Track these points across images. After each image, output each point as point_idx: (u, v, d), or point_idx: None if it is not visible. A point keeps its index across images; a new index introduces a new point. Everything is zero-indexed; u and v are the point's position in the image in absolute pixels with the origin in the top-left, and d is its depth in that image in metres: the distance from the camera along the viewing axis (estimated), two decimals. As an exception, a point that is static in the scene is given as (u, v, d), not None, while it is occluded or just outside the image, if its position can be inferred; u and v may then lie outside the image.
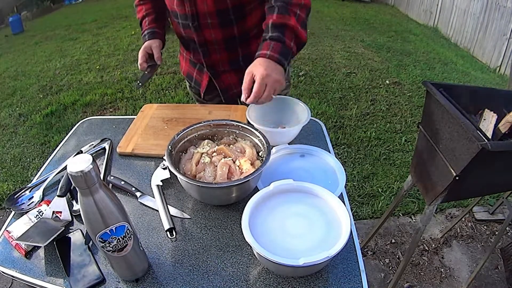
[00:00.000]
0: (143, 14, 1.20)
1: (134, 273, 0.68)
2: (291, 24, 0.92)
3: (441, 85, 1.08)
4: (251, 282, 0.67)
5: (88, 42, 5.34)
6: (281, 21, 0.92)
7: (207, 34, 1.09)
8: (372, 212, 2.03)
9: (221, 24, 1.06)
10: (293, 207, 0.72)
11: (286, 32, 0.92)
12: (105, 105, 3.35)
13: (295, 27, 0.92)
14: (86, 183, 0.52)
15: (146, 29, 1.17)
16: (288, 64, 0.94)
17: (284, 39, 0.91)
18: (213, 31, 1.08)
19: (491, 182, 1.11)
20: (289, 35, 0.92)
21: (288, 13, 0.93)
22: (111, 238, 0.59)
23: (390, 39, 4.88)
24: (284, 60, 0.91)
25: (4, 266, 0.73)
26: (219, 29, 1.07)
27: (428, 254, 1.80)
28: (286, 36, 0.92)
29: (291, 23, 0.92)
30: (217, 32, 1.08)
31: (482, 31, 4.33)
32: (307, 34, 0.97)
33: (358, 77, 3.59)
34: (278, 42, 0.91)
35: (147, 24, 1.18)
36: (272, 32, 0.92)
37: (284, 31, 0.92)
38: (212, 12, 1.03)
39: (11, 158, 2.72)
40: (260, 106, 1.03)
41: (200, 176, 0.82)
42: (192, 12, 1.05)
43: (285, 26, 0.92)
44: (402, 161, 2.39)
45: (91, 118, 1.23)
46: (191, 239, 0.76)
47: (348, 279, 0.67)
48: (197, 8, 1.04)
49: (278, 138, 0.97)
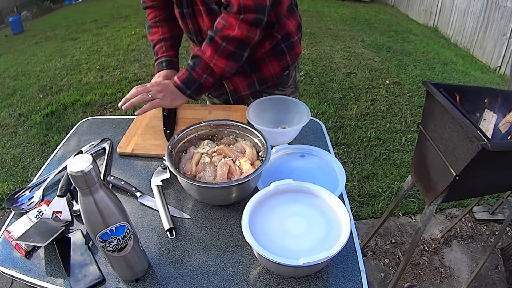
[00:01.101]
0: (159, 38, 1.18)
1: (134, 273, 0.68)
2: (206, 56, 0.96)
3: (441, 85, 1.08)
4: (251, 282, 0.67)
5: (88, 42, 5.34)
6: (199, 52, 0.98)
7: None
8: (372, 212, 2.03)
9: None
10: (293, 207, 0.72)
11: (200, 63, 0.97)
12: (105, 105, 3.35)
13: (209, 59, 0.96)
14: (86, 183, 0.52)
15: (163, 56, 1.16)
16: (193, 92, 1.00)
17: (195, 69, 0.98)
18: None
19: (491, 182, 1.11)
20: (203, 66, 0.97)
21: (209, 44, 0.95)
22: (111, 238, 0.59)
23: (390, 39, 4.88)
24: (186, 89, 0.99)
25: (4, 266, 0.72)
26: None
27: (428, 254, 1.80)
28: (198, 67, 0.97)
29: (206, 55, 0.96)
30: None
31: (482, 31, 4.33)
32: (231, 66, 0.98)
33: (358, 77, 3.59)
34: (187, 70, 0.99)
35: (164, 50, 1.17)
36: (189, 61, 0.99)
37: (198, 62, 0.97)
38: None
39: (11, 158, 2.72)
40: (260, 106, 1.04)
41: (200, 176, 0.82)
42: (195, 30, 1.08)
43: (200, 57, 0.97)
44: (402, 161, 2.39)
45: (91, 118, 1.23)
46: (191, 239, 0.76)
47: (348, 279, 0.67)
48: (199, 26, 1.06)
49: (278, 138, 0.96)
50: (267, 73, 1.15)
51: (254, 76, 1.16)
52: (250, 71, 1.16)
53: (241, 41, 0.95)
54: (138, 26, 5.67)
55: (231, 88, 1.20)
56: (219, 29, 0.94)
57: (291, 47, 1.14)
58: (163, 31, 1.18)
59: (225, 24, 0.93)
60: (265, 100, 1.06)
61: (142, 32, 5.25)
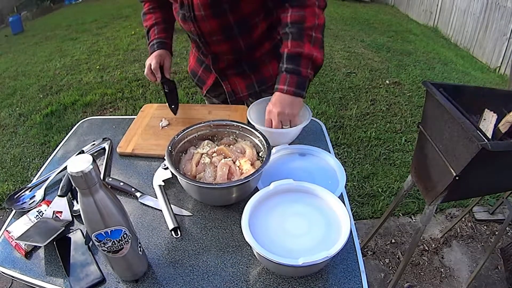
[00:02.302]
0: (152, 23, 1.17)
1: (133, 274, 0.68)
2: (306, 52, 0.90)
3: (441, 85, 1.08)
4: (251, 282, 0.67)
5: (88, 42, 5.34)
6: (296, 50, 0.91)
7: (214, 48, 1.10)
8: (372, 212, 2.02)
9: (226, 39, 1.07)
10: (293, 207, 0.72)
11: (301, 62, 0.91)
12: (105, 105, 3.35)
13: (310, 54, 0.91)
14: (86, 183, 0.52)
15: (155, 38, 1.14)
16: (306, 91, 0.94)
17: (299, 70, 0.91)
18: (220, 46, 1.09)
19: (491, 182, 1.11)
20: (305, 63, 0.91)
21: (302, 39, 0.91)
22: (106, 239, 0.59)
23: (390, 39, 4.88)
24: (301, 91, 0.91)
25: (4, 266, 0.73)
26: (225, 43, 1.08)
27: (428, 254, 1.80)
28: (301, 66, 0.91)
29: (305, 50, 0.90)
30: (223, 45, 1.09)
31: (482, 31, 4.33)
32: (323, 54, 0.95)
33: (358, 77, 3.59)
34: (294, 74, 0.91)
35: (156, 33, 1.15)
36: (288, 64, 0.91)
37: (300, 62, 0.91)
38: (216, 31, 1.04)
39: (11, 158, 2.72)
40: (261, 106, 1.03)
41: (200, 176, 0.82)
42: (197, 32, 1.06)
43: (300, 55, 0.90)
44: (402, 161, 2.39)
45: (91, 118, 1.23)
46: (191, 239, 0.76)
47: (348, 279, 0.67)
48: (201, 29, 1.05)
49: (279, 139, 0.96)
50: (266, 74, 1.15)
51: (253, 77, 1.16)
52: (249, 72, 1.15)
53: (323, 28, 0.95)
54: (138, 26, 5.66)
55: (229, 90, 1.19)
56: (301, 21, 0.91)
57: None
58: (156, 17, 1.17)
59: (304, 15, 0.91)
60: (266, 101, 1.06)
61: (142, 32, 5.25)
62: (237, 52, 1.10)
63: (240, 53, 1.11)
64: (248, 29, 1.05)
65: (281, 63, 0.93)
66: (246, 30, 1.05)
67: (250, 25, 1.05)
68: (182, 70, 3.86)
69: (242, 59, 1.13)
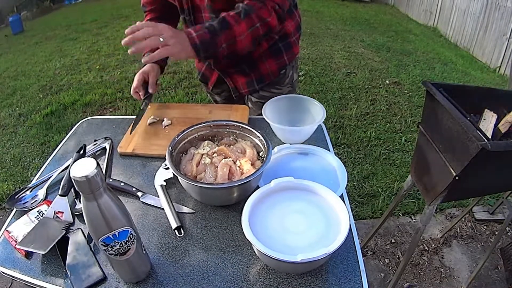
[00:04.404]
0: None
1: (137, 276, 0.67)
2: (236, 30, 0.90)
3: (441, 85, 1.08)
4: (251, 282, 0.68)
5: (88, 42, 5.34)
6: (230, 21, 0.89)
7: None
8: (372, 212, 2.03)
9: None
10: (293, 205, 0.72)
11: (225, 32, 0.89)
12: (105, 105, 3.35)
13: (238, 34, 0.90)
14: (90, 188, 0.51)
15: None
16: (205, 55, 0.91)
17: (218, 35, 0.89)
18: None
19: (491, 182, 1.11)
20: (227, 37, 0.90)
21: (244, 18, 0.90)
22: (114, 242, 0.58)
23: (390, 39, 4.88)
24: (201, 48, 0.88)
25: (4, 266, 0.72)
26: None
27: (428, 254, 1.80)
28: (223, 34, 0.89)
29: (237, 28, 0.90)
30: None
31: (482, 31, 4.33)
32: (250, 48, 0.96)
33: (358, 77, 3.59)
34: (210, 33, 0.88)
35: None
36: (216, 23, 0.89)
37: (225, 31, 0.89)
38: None
39: (11, 158, 2.72)
40: (276, 104, 1.04)
41: (201, 177, 0.82)
42: None
43: (230, 28, 0.89)
44: (402, 161, 2.39)
45: (91, 118, 1.23)
46: (192, 239, 0.76)
47: (348, 279, 0.67)
48: None
49: (293, 136, 0.97)
50: (264, 71, 1.17)
51: (253, 75, 1.18)
52: (248, 70, 1.17)
53: (270, 30, 0.96)
54: (138, 26, 5.65)
55: (233, 86, 1.21)
56: (256, 9, 0.92)
57: (288, 47, 1.16)
58: None
59: (262, 7, 0.92)
60: (281, 99, 1.06)
61: (142, 32, 5.25)
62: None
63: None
64: None
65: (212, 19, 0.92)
66: None
67: None
68: (182, 70, 3.86)
69: (241, 59, 1.14)
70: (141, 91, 1.11)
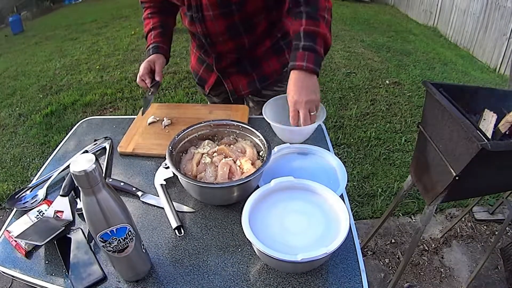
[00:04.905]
0: (150, 28, 1.18)
1: (136, 274, 0.68)
2: (322, 32, 0.91)
3: (441, 85, 1.08)
4: (251, 281, 0.68)
5: (88, 42, 5.34)
6: (312, 29, 0.91)
7: (219, 47, 1.12)
8: (372, 212, 2.03)
9: (232, 38, 1.08)
10: (293, 204, 0.73)
11: (317, 41, 0.91)
12: (105, 105, 3.35)
13: (324, 33, 0.92)
14: (89, 182, 0.52)
15: (151, 43, 1.15)
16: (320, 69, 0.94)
17: (316, 48, 0.91)
18: (225, 45, 1.11)
19: (491, 182, 1.11)
20: (320, 42, 0.92)
21: (317, 19, 0.92)
22: (111, 238, 0.59)
23: (390, 39, 4.88)
24: (318, 68, 0.91)
25: (5, 266, 0.72)
26: (231, 42, 1.10)
27: (428, 254, 1.80)
28: (317, 44, 0.91)
29: (321, 30, 0.91)
30: (228, 44, 1.11)
31: (482, 31, 4.33)
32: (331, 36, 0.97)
33: (358, 77, 3.59)
34: (311, 52, 0.90)
35: (152, 38, 1.16)
36: (305, 41, 0.91)
37: (316, 40, 0.91)
38: (223, 30, 1.05)
39: (11, 158, 2.72)
40: (276, 104, 1.04)
41: (201, 176, 0.82)
42: (203, 33, 1.08)
43: (317, 34, 0.91)
44: (402, 161, 2.39)
45: (91, 118, 1.23)
46: (192, 238, 0.76)
47: (348, 279, 0.67)
48: (208, 29, 1.06)
49: (293, 136, 0.97)
50: (267, 70, 1.17)
51: (255, 75, 1.18)
52: (251, 70, 1.17)
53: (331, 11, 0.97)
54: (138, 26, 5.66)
55: (231, 88, 1.21)
56: (315, 2, 0.92)
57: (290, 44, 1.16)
58: (154, 22, 1.18)
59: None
60: (281, 98, 1.06)
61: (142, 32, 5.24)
62: (240, 50, 1.12)
63: (243, 51, 1.13)
64: (252, 27, 1.07)
65: (296, 41, 0.93)
66: (250, 28, 1.07)
67: (254, 23, 1.06)
68: (182, 70, 3.86)
69: (244, 57, 1.15)
70: (147, 79, 1.11)
